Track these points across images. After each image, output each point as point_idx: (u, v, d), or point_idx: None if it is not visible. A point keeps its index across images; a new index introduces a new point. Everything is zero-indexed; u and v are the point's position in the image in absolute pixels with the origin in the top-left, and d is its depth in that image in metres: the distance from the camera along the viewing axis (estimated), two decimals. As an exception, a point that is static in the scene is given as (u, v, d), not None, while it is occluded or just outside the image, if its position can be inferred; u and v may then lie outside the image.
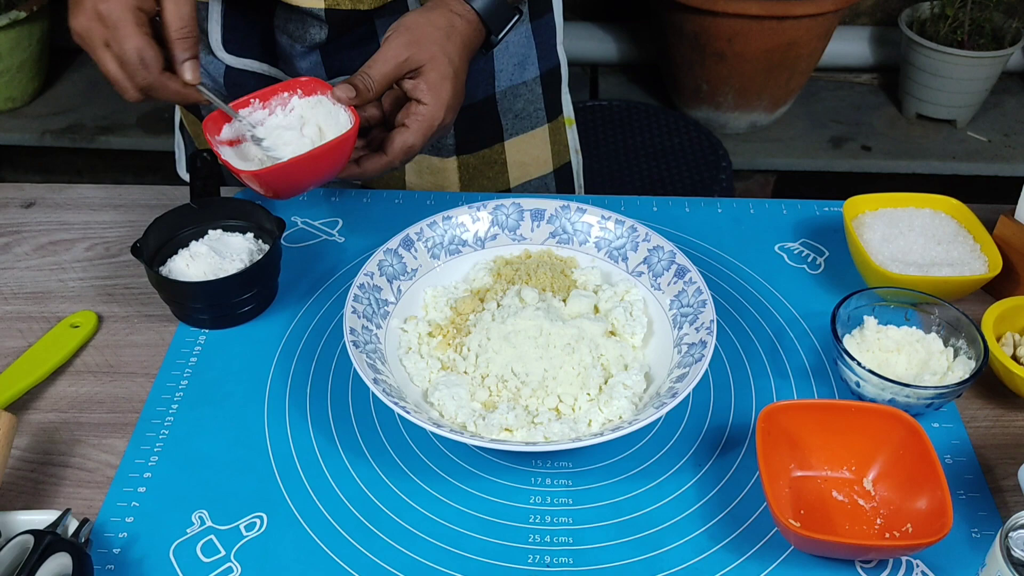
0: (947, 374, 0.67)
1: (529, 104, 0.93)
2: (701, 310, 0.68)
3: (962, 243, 0.78)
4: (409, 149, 0.72)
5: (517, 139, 0.94)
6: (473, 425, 0.64)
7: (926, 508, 0.58)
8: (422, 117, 0.71)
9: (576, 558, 0.59)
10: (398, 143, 0.72)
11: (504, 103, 0.92)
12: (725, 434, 0.67)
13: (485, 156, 0.93)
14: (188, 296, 0.73)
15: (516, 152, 0.95)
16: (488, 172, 0.95)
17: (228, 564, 0.58)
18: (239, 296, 0.74)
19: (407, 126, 0.72)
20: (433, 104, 0.71)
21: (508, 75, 0.91)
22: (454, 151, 0.92)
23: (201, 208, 0.79)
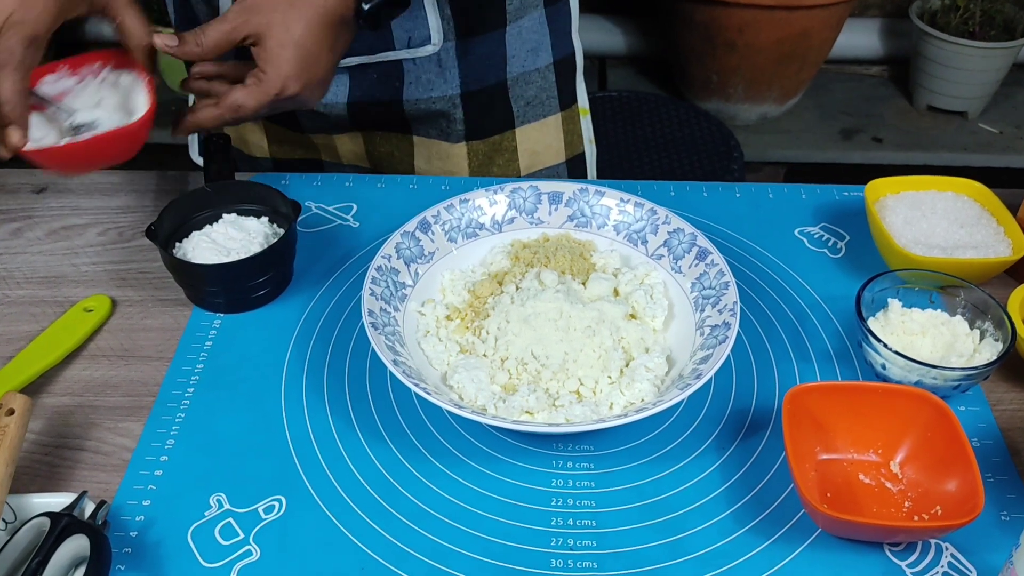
0: (973, 356, 0.66)
1: (542, 91, 0.92)
2: (724, 292, 0.68)
3: (985, 226, 0.77)
4: (238, 108, 0.70)
5: (529, 126, 0.93)
6: (493, 408, 0.64)
7: (956, 490, 0.57)
8: (259, 83, 0.69)
9: (599, 541, 0.58)
10: (229, 99, 0.70)
11: (516, 89, 0.91)
12: (748, 417, 0.66)
13: (495, 143, 0.92)
14: (203, 279, 0.72)
15: (527, 140, 0.94)
16: (498, 159, 0.94)
17: (247, 547, 0.58)
18: (254, 280, 0.73)
19: (245, 84, 0.70)
20: (271, 72, 0.69)
21: (520, 61, 0.90)
22: (463, 136, 0.91)
23: (216, 191, 0.78)
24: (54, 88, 0.74)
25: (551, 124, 0.95)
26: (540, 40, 0.90)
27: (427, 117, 0.89)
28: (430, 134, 0.91)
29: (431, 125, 0.90)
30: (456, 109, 0.89)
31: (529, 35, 0.89)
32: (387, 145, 0.93)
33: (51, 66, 0.74)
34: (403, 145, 0.93)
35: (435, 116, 0.89)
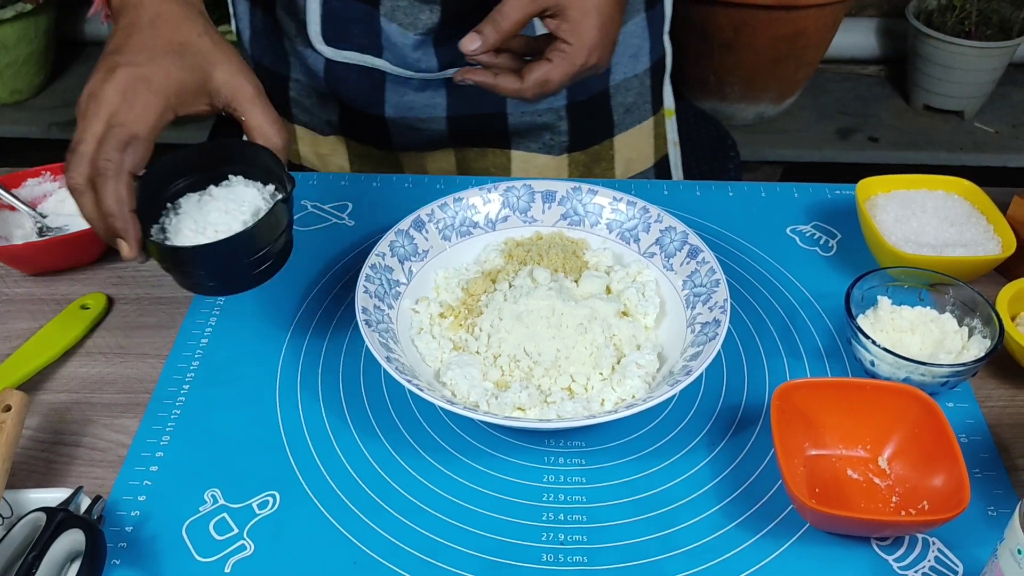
0: (962, 353, 0.67)
1: (639, 97, 0.90)
2: (714, 290, 0.68)
3: (975, 224, 0.77)
4: (545, 83, 0.67)
5: (625, 134, 0.92)
6: (486, 404, 0.64)
7: (942, 485, 0.58)
8: (564, 54, 0.66)
9: (590, 536, 0.59)
10: (536, 73, 0.67)
11: (617, 97, 0.89)
12: (739, 414, 0.66)
13: (595, 152, 0.91)
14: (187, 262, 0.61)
15: (624, 147, 0.92)
16: (596, 168, 0.92)
17: (241, 542, 0.58)
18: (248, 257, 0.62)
19: (550, 59, 0.67)
20: (576, 43, 0.66)
21: (623, 68, 0.88)
22: (566, 148, 0.89)
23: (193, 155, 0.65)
24: (34, 192, 0.82)
25: (645, 129, 0.93)
26: (640, 45, 0.88)
27: (530, 130, 0.87)
28: (531, 148, 0.89)
29: (533, 138, 0.88)
30: (561, 121, 0.87)
31: (631, 40, 0.87)
32: (482, 161, 0.91)
33: (35, 171, 0.81)
34: (500, 160, 0.91)
35: (539, 129, 0.87)
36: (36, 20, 1.98)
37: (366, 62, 0.83)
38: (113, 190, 0.57)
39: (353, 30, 0.81)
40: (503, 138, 0.89)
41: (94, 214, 0.59)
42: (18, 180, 0.80)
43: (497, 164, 0.91)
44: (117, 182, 0.57)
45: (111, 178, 0.57)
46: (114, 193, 0.57)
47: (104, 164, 0.57)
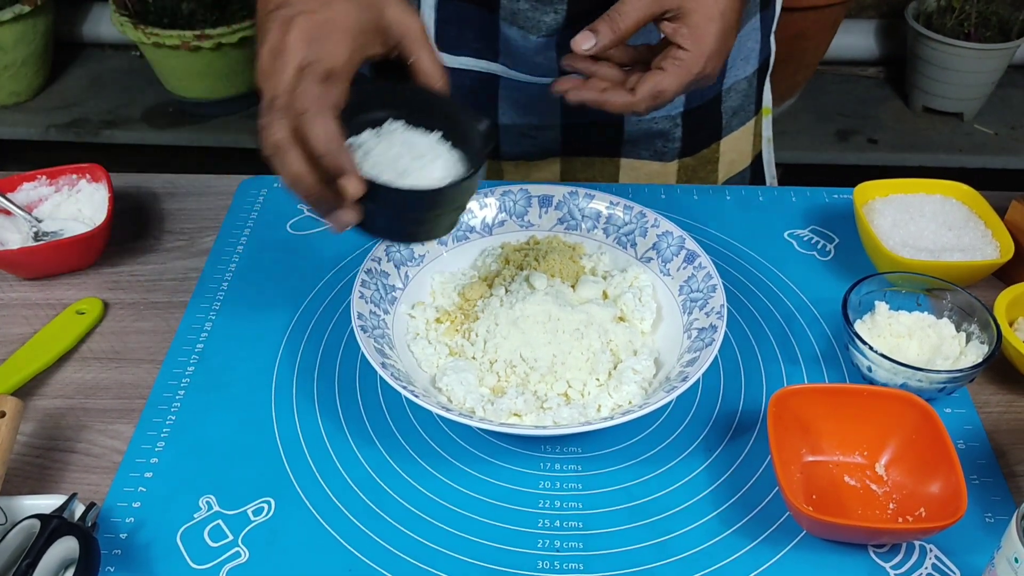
0: (959, 359, 0.66)
1: (745, 99, 0.88)
2: (711, 295, 0.68)
3: (973, 229, 0.77)
4: (659, 94, 0.64)
5: (730, 136, 0.90)
6: (482, 410, 0.64)
7: (940, 492, 0.57)
8: (680, 62, 0.63)
9: (586, 543, 0.59)
10: (648, 84, 0.64)
11: (727, 100, 0.87)
12: (736, 420, 0.66)
13: (703, 156, 0.89)
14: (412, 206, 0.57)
15: (728, 149, 0.91)
16: (701, 172, 0.90)
17: (236, 549, 0.58)
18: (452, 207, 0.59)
19: (663, 69, 0.64)
20: (694, 49, 0.63)
21: (735, 71, 0.86)
22: (678, 154, 0.88)
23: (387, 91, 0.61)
24: (30, 196, 0.81)
25: (747, 129, 0.92)
26: (752, 47, 0.87)
27: (645, 138, 0.86)
28: (642, 155, 0.87)
29: (645, 146, 0.87)
30: (676, 128, 0.86)
31: (745, 43, 0.86)
32: (589, 170, 0.89)
33: (30, 175, 0.81)
34: (608, 169, 0.89)
35: (653, 136, 0.86)
36: (35, 22, 1.98)
37: (480, 67, 0.81)
38: (322, 126, 0.52)
39: (468, 35, 0.79)
40: (615, 146, 0.87)
41: (302, 167, 0.54)
42: (14, 184, 0.80)
43: (604, 173, 0.89)
44: (324, 117, 0.53)
45: (317, 114, 0.52)
46: (323, 130, 0.52)
47: (305, 103, 0.53)
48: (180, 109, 2.06)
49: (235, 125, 2.05)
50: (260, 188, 0.88)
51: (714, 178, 0.92)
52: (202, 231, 0.84)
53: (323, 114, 0.53)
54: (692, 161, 0.89)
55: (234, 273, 0.78)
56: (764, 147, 0.97)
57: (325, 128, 0.53)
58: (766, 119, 0.95)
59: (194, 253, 0.81)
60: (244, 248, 0.81)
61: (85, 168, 0.82)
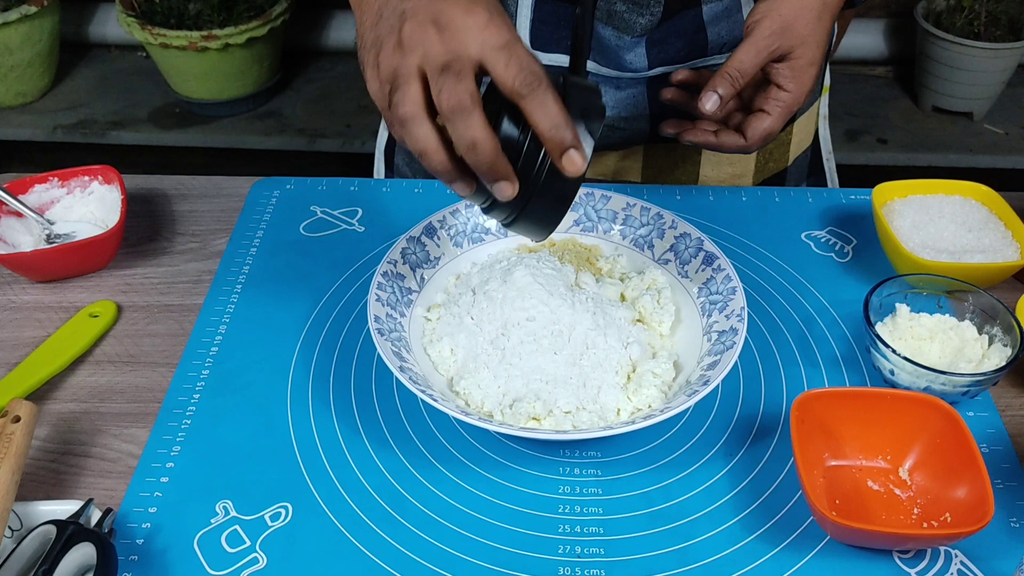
0: (982, 362, 0.66)
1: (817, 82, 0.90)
2: (731, 297, 0.67)
3: (993, 230, 0.76)
4: (768, 135, 0.70)
5: (801, 118, 0.92)
6: (500, 414, 0.63)
7: (965, 497, 0.57)
8: (783, 104, 0.69)
9: (607, 548, 0.58)
10: (758, 130, 0.70)
11: None
12: (756, 423, 0.66)
13: (780, 139, 0.91)
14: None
15: (798, 131, 0.92)
16: (776, 154, 0.92)
17: (254, 554, 0.57)
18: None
19: (767, 112, 0.69)
20: (795, 91, 0.69)
21: None
22: None
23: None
24: (42, 198, 0.81)
25: (814, 109, 0.93)
26: None
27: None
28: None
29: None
30: None
31: None
32: (671, 157, 0.90)
33: (42, 177, 0.81)
34: (690, 154, 0.90)
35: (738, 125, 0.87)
36: (41, 22, 1.97)
37: None
38: (479, 121, 0.51)
39: (562, 33, 0.81)
40: None
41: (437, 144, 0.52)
42: (25, 186, 0.80)
43: (687, 158, 0.90)
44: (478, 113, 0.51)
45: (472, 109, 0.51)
46: (481, 126, 0.51)
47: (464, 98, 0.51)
48: (187, 110, 2.06)
49: (242, 126, 2.05)
50: (273, 190, 0.87)
51: (785, 159, 0.93)
52: (215, 233, 0.83)
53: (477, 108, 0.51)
54: (771, 144, 0.90)
55: (248, 275, 0.78)
56: (821, 124, 0.97)
57: (482, 124, 0.51)
58: (824, 96, 0.96)
59: (207, 255, 0.81)
60: (257, 250, 0.80)
61: (97, 170, 0.81)
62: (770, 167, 0.93)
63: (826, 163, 1.01)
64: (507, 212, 0.56)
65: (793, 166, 0.95)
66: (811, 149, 0.97)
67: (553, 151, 0.52)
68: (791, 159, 0.94)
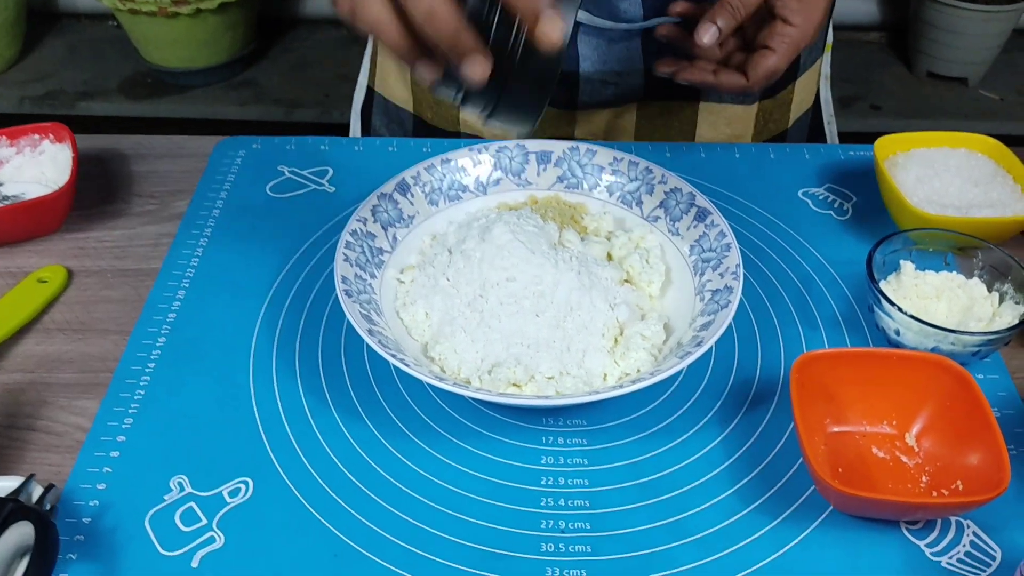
0: (993, 320, 0.62)
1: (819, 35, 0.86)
2: (725, 254, 0.63)
3: (1001, 184, 0.72)
4: (772, 74, 0.65)
5: (804, 76, 0.87)
6: (478, 380, 0.59)
7: (978, 464, 0.53)
8: (789, 40, 0.64)
9: (593, 523, 0.54)
10: (761, 68, 0.64)
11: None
12: (752, 388, 0.61)
13: (780, 98, 0.86)
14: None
15: (800, 89, 0.88)
16: (776, 114, 0.87)
17: (210, 533, 0.53)
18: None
19: (772, 49, 0.64)
20: (803, 25, 0.63)
21: None
22: (759, 97, 0.84)
23: None
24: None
25: (815, 68, 0.89)
26: None
27: None
28: (723, 99, 0.84)
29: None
30: None
31: None
32: (666, 117, 0.86)
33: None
34: (686, 113, 0.85)
35: None
36: (6, -10, 1.90)
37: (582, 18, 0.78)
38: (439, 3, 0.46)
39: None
40: (695, 91, 0.83)
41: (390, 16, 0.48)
42: None
43: (682, 118, 0.86)
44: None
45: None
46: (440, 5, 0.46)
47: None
48: (158, 80, 1.99)
49: (215, 96, 1.98)
50: (238, 149, 0.82)
51: (786, 120, 0.88)
52: (175, 195, 0.78)
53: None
54: (771, 103, 0.86)
55: (209, 238, 0.73)
56: (822, 85, 0.93)
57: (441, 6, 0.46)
58: (826, 55, 0.92)
59: (166, 218, 0.75)
60: (220, 212, 0.75)
61: (48, 127, 0.76)
62: (770, 128, 0.88)
63: (827, 126, 0.96)
64: (483, 102, 0.51)
65: (793, 128, 0.91)
66: (812, 111, 0.93)
67: (527, 17, 0.47)
68: (791, 120, 0.90)
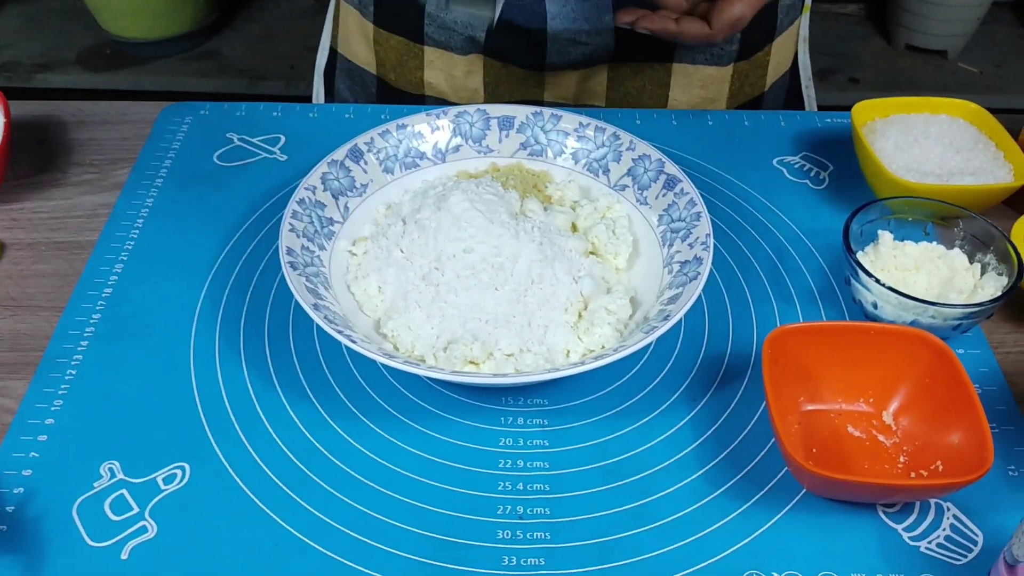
0: (974, 292, 0.59)
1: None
2: (695, 224, 0.60)
3: (983, 151, 0.69)
4: (736, 23, 0.63)
5: (781, 37, 0.84)
6: (433, 358, 0.55)
7: (959, 443, 0.50)
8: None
9: (553, 507, 0.51)
10: (726, 15, 0.62)
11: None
12: (723, 365, 0.58)
13: (756, 60, 0.83)
14: None
15: (777, 51, 0.85)
16: (752, 77, 0.84)
17: (142, 522, 0.49)
18: None
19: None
20: None
21: None
22: (735, 57, 0.81)
23: None
24: None
25: (793, 29, 0.86)
26: None
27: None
28: (696, 60, 0.81)
29: (701, 49, 0.80)
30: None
31: None
32: (638, 79, 0.82)
33: None
34: (658, 75, 0.82)
35: None
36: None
37: None
38: None
39: None
40: (670, 50, 0.80)
41: None
42: None
43: (654, 80, 0.82)
44: None
45: None
46: None
47: None
48: (118, 50, 1.93)
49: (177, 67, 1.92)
50: (184, 116, 0.78)
51: (762, 83, 0.86)
52: (116, 163, 0.73)
53: None
54: (746, 65, 0.83)
55: (151, 209, 0.69)
56: (800, 48, 0.91)
57: None
58: (804, 16, 0.89)
59: (106, 187, 0.71)
60: (164, 181, 0.71)
61: None
62: (745, 91, 0.85)
63: (805, 90, 0.93)
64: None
65: (770, 92, 0.88)
66: (789, 75, 0.90)
67: None
68: (768, 84, 0.87)
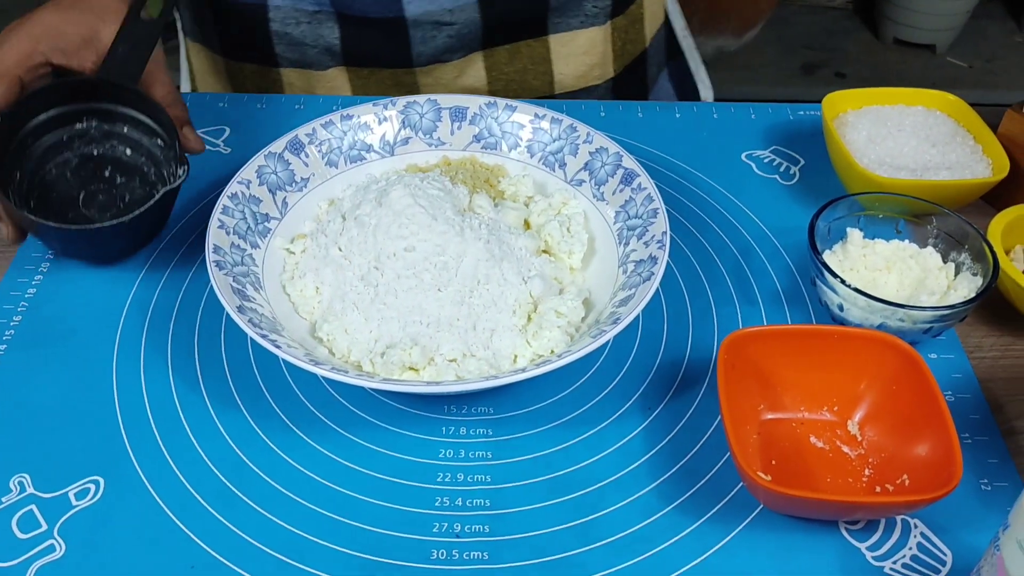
0: (947, 294, 0.55)
1: None
2: (651, 221, 0.56)
3: (961, 144, 0.66)
4: None
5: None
6: (370, 364, 0.52)
7: (927, 455, 0.47)
8: None
9: (494, 525, 0.47)
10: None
11: None
12: (680, 371, 0.55)
13: (632, 14, 0.82)
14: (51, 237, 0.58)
15: (651, 3, 0.83)
16: (631, 33, 0.82)
17: (50, 541, 0.46)
18: (116, 246, 0.60)
19: None
20: None
21: None
22: (610, 14, 0.79)
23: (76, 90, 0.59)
24: None
25: None
26: None
27: (571, 1, 0.77)
28: (571, 25, 0.78)
29: (574, 12, 0.77)
30: None
31: None
32: (517, 61, 0.79)
33: None
34: (537, 52, 0.79)
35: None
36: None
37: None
38: None
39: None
40: (541, 21, 0.77)
41: None
42: None
43: (534, 59, 0.79)
44: None
45: None
46: None
47: None
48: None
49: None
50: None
51: (642, 38, 0.83)
52: (51, 157, 0.70)
53: None
54: (623, 20, 0.80)
55: (84, 205, 0.65)
56: (670, 5, 0.90)
57: None
58: None
59: (38, 182, 0.67)
60: (100, 176, 0.68)
61: None
62: (628, 50, 0.83)
63: (682, 41, 0.92)
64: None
65: (651, 47, 0.87)
66: (664, 27, 0.89)
67: None
68: (648, 38, 0.85)
